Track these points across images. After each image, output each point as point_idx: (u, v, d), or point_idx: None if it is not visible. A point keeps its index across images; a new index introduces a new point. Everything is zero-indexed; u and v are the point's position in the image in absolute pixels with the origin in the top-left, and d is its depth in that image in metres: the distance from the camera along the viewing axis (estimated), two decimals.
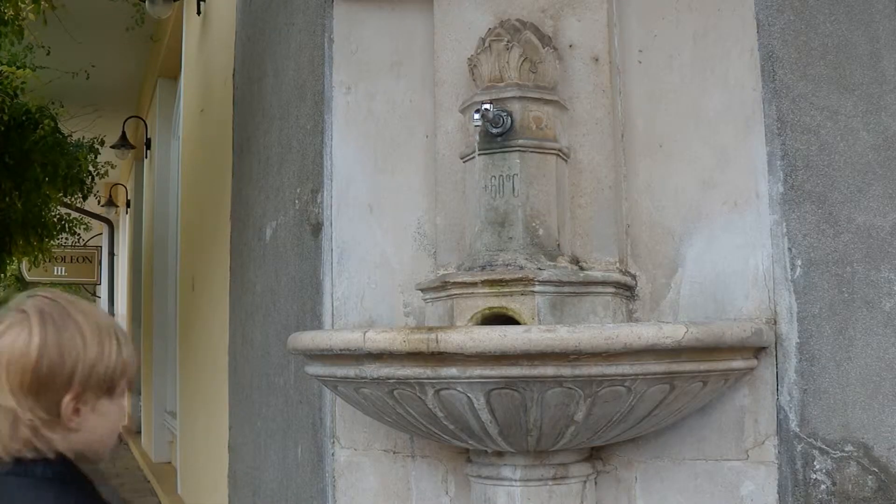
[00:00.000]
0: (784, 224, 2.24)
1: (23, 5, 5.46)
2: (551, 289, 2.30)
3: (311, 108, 3.05)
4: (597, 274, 2.40)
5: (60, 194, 8.32)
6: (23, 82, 7.24)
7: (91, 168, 8.68)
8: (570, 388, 1.97)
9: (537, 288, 2.27)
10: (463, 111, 2.54)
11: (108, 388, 1.29)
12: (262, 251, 3.76)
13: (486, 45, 2.48)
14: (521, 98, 2.41)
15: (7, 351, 1.22)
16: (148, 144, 10.42)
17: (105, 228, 15.90)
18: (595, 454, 2.43)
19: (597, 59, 2.52)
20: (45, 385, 1.23)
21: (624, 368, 1.97)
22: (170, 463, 8.54)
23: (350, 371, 2.13)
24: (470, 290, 2.33)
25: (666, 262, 2.47)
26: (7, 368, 1.22)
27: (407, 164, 2.80)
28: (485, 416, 2.03)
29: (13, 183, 7.44)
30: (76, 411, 1.25)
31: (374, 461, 2.69)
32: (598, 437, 2.17)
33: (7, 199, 7.58)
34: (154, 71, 9.73)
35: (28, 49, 6.97)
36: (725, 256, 2.37)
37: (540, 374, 1.94)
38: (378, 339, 2.00)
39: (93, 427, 1.28)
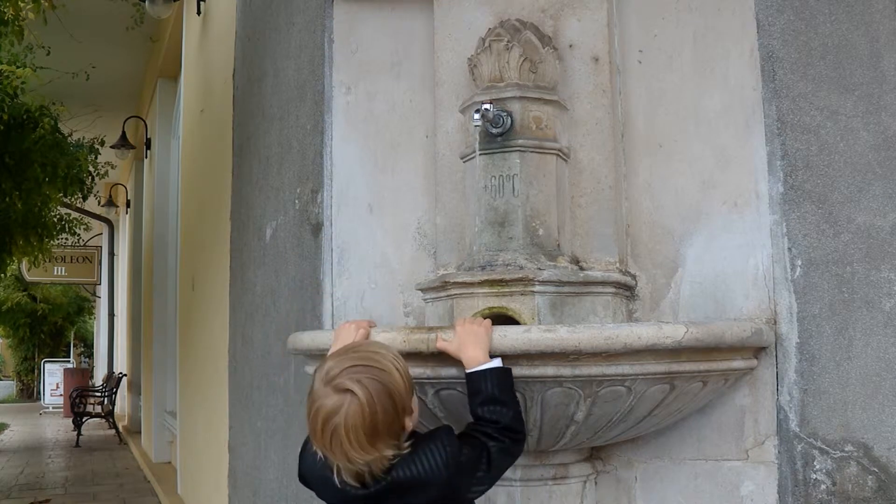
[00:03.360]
0: (784, 224, 2.24)
1: (23, 4, 5.46)
2: (551, 289, 2.30)
3: (311, 108, 3.05)
4: (597, 274, 2.40)
5: (60, 194, 8.32)
6: (23, 82, 7.24)
7: (91, 168, 8.68)
8: (570, 388, 1.97)
9: (537, 288, 2.27)
10: (463, 111, 2.54)
11: (412, 390, 1.72)
12: (262, 251, 3.76)
13: (486, 45, 2.48)
14: (521, 98, 2.41)
15: (352, 418, 1.61)
16: (148, 144, 10.42)
17: (105, 228, 15.91)
18: (595, 454, 2.43)
19: (597, 59, 2.52)
20: (392, 422, 1.65)
21: (624, 368, 1.97)
22: (170, 463, 8.54)
23: None
24: (470, 290, 2.33)
25: (666, 262, 2.47)
26: (363, 430, 1.61)
27: (407, 164, 2.80)
28: None
29: (13, 183, 7.44)
30: (408, 427, 1.70)
31: None
32: (598, 437, 2.17)
33: (7, 199, 7.58)
34: (154, 71, 9.74)
35: (28, 49, 6.97)
36: (725, 256, 2.37)
37: (540, 374, 1.94)
38: (378, 338, 2.00)
39: (414, 419, 1.72)
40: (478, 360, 1.85)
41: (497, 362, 1.85)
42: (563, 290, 2.32)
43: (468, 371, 1.85)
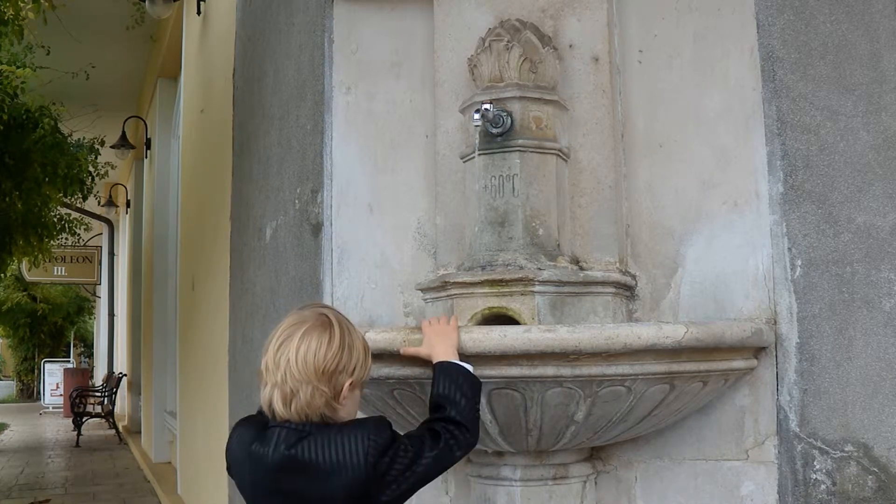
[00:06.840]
0: (784, 224, 2.24)
1: (23, 4, 5.46)
2: (551, 289, 2.30)
3: (311, 108, 3.05)
4: (597, 274, 2.40)
5: (60, 194, 8.32)
6: (23, 82, 7.24)
7: (91, 168, 8.68)
8: (570, 388, 1.98)
9: (537, 288, 2.27)
10: (463, 111, 2.54)
11: (361, 383, 1.72)
12: (262, 251, 3.76)
13: (486, 45, 2.48)
14: (521, 98, 2.41)
15: (314, 349, 1.64)
16: (148, 144, 10.42)
17: (105, 228, 15.91)
18: (595, 454, 2.43)
19: (597, 59, 2.52)
20: (339, 372, 1.66)
21: (624, 368, 1.97)
22: (170, 463, 8.54)
23: None
24: (470, 290, 2.33)
25: (666, 262, 2.47)
26: (315, 359, 1.64)
27: (407, 164, 2.80)
28: (485, 415, 2.03)
29: (13, 183, 7.44)
30: (345, 396, 1.67)
31: None
32: (598, 437, 2.17)
33: (7, 199, 7.57)
34: (154, 71, 9.74)
35: (28, 49, 6.97)
36: (725, 256, 2.37)
37: (540, 374, 1.94)
38: (378, 339, 2.00)
39: (348, 408, 1.70)
40: (448, 357, 1.85)
41: (469, 367, 1.83)
42: (563, 290, 2.32)
43: (439, 360, 1.83)
